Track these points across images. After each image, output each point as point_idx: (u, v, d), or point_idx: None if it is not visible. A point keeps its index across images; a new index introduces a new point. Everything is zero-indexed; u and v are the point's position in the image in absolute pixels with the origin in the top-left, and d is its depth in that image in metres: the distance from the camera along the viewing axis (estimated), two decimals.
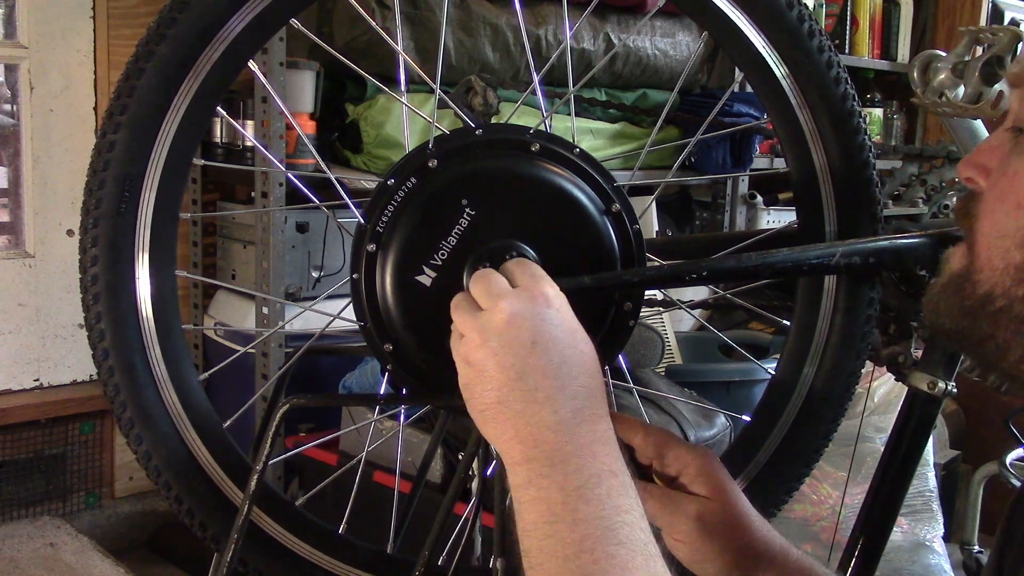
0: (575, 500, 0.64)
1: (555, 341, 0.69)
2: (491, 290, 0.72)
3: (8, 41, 2.36)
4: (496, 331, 0.69)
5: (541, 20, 2.49)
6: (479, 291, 0.73)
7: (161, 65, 0.79)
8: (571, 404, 0.68)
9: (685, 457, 0.85)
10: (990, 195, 0.74)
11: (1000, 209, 0.73)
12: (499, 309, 0.70)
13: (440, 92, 0.90)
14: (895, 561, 2.32)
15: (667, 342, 2.66)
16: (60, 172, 2.42)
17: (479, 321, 0.70)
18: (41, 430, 2.47)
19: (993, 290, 0.73)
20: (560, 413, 0.67)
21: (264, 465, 0.83)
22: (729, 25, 0.90)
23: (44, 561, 2.23)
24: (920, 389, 1.03)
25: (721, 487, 0.84)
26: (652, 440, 0.86)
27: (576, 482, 0.65)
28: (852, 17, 3.59)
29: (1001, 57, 0.87)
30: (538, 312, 0.70)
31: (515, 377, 0.68)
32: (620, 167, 2.48)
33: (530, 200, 0.82)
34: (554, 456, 0.66)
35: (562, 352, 0.69)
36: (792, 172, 0.95)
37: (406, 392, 0.86)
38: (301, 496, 1.06)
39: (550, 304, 0.71)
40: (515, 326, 0.69)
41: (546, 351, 0.69)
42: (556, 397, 0.68)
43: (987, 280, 0.74)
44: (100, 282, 0.81)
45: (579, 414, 0.68)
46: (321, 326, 0.96)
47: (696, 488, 0.84)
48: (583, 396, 0.69)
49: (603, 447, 0.68)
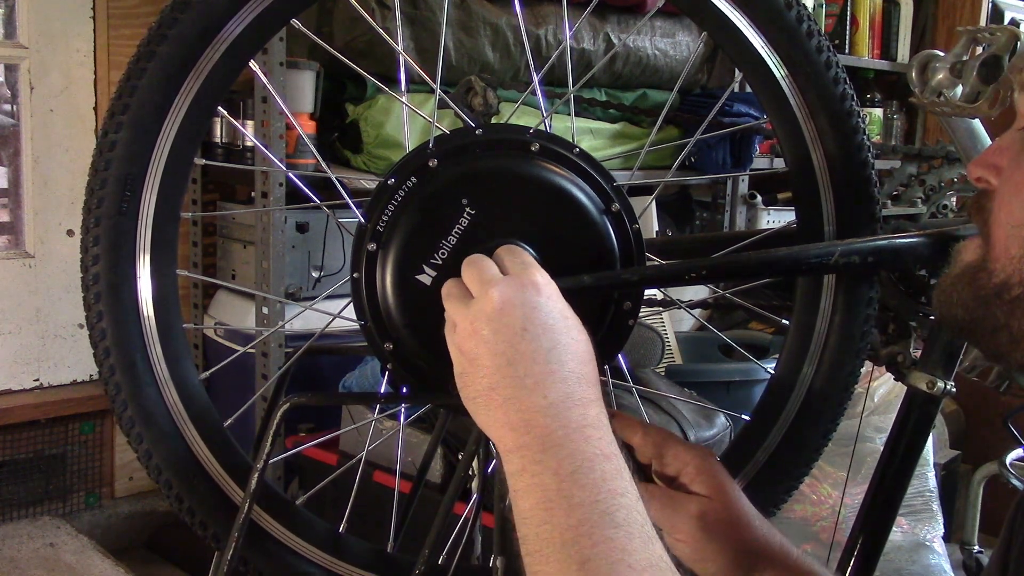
0: (570, 485, 0.64)
1: (545, 327, 0.70)
2: (482, 277, 0.72)
3: (8, 41, 2.36)
4: (487, 319, 0.69)
5: (541, 20, 2.49)
6: (470, 278, 0.73)
7: (162, 65, 0.79)
8: (561, 388, 0.68)
9: (684, 456, 0.85)
10: (1005, 188, 0.76)
11: (1016, 200, 0.75)
12: (489, 297, 0.70)
13: (440, 92, 0.90)
14: (895, 561, 2.32)
15: (667, 342, 2.66)
16: (60, 172, 2.42)
17: (470, 309, 0.71)
18: (41, 430, 2.47)
19: (1010, 279, 0.75)
20: (550, 397, 0.67)
21: (265, 464, 0.83)
22: (728, 25, 0.90)
23: (44, 561, 2.24)
24: (919, 389, 1.03)
25: (721, 486, 0.85)
26: (651, 439, 0.86)
27: (570, 467, 0.65)
28: (852, 17, 3.59)
29: (999, 57, 0.87)
30: (528, 299, 0.70)
31: (505, 363, 0.68)
32: (620, 167, 2.48)
33: (530, 200, 0.82)
34: (546, 441, 0.66)
35: (552, 338, 0.69)
36: (791, 172, 0.95)
37: (406, 391, 0.86)
38: (301, 496, 1.06)
39: (540, 291, 0.71)
40: (505, 313, 0.69)
41: (536, 337, 0.69)
42: (545, 382, 0.68)
43: (1003, 269, 0.75)
44: (101, 281, 0.81)
45: (569, 398, 0.68)
46: (321, 326, 0.96)
47: (696, 487, 0.85)
48: (573, 381, 0.69)
49: (596, 431, 0.68)
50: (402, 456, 1.89)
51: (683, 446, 0.87)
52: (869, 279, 0.96)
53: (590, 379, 0.70)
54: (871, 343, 1.00)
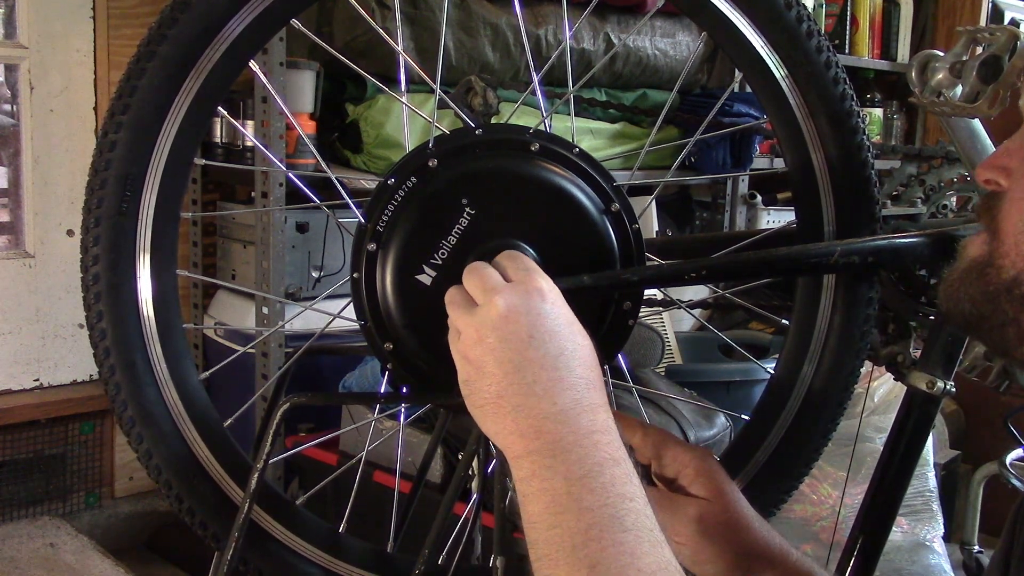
0: (579, 489, 0.65)
1: (551, 334, 0.70)
2: (485, 285, 0.72)
3: (8, 41, 2.36)
4: (492, 326, 0.69)
5: (541, 20, 2.49)
6: (473, 286, 0.73)
7: (163, 65, 0.79)
8: (570, 395, 0.68)
9: (683, 457, 0.85)
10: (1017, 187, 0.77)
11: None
12: (494, 304, 0.70)
13: (440, 92, 0.90)
14: (895, 561, 2.32)
15: (667, 342, 2.66)
16: (60, 172, 2.42)
17: (475, 317, 0.71)
18: (41, 430, 2.47)
19: (1021, 275, 0.76)
20: (559, 403, 0.68)
21: (265, 464, 0.83)
22: (728, 25, 0.90)
23: (44, 561, 2.23)
24: (919, 388, 1.03)
25: (720, 488, 0.85)
26: (650, 440, 0.86)
27: (579, 471, 0.65)
28: (852, 17, 3.59)
29: (999, 57, 0.87)
30: (533, 306, 0.70)
31: (513, 371, 0.68)
32: (620, 167, 2.48)
33: (530, 199, 0.82)
34: (556, 447, 0.66)
35: (559, 344, 0.70)
36: (791, 172, 0.95)
37: (406, 391, 0.86)
38: (301, 496, 1.06)
39: (544, 297, 0.71)
40: (511, 321, 0.69)
41: (543, 344, 0.69)
42: (554, 388, 0.68)
43: (1013, 265, 0.76)
44: (101, 281, 0.81)
45: (578, 404, 0.68)
46: (321, 326, 0.96)
47: (695, 490, 0.84)
48: (582, 387, 0.69)
49: (604, 435, 0.68)
50: (402, 456, 1.89)
51: (682, 447, 0.87)
52: (869, 279, 0.96)
53: (597, 384, 0.71)
54: (871, 343, 1.00)
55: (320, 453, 2.17)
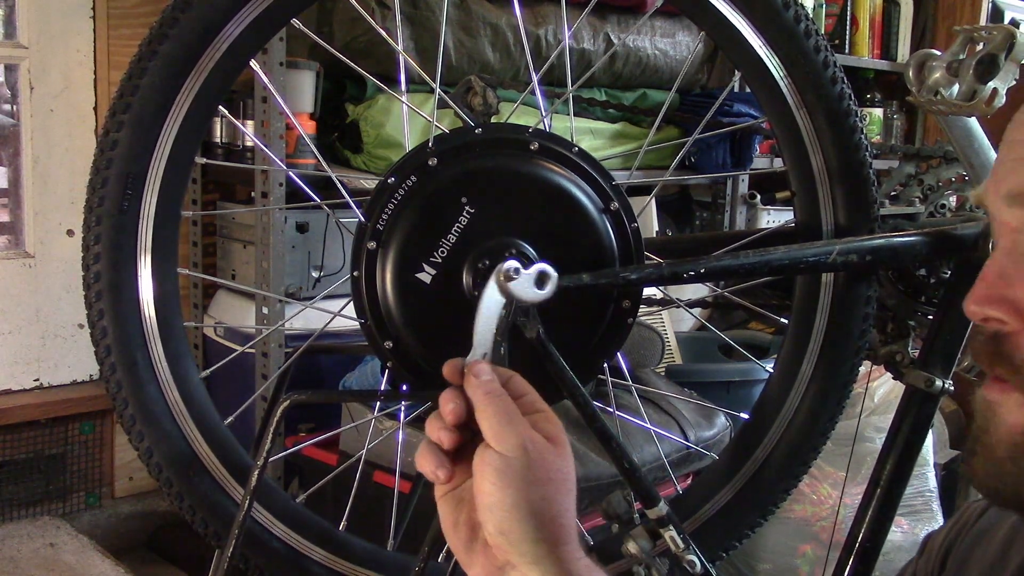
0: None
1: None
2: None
3: (8, 41, 2.36)
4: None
5: (541, 20, 2.50)
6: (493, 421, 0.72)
7: (164, 64, 0.80)
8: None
9: None
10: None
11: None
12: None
13: (440, 92, 0.91)
14: (895, 561, 2.32)
15: (667, 342, 2.66)
16: (60, 172, 2.42)
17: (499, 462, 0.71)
18: (41, 430, 2.47)
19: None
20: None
21: (265, 462, 0.83)
22: (727, 25, 0.91)
23: (44, 561, 2.23)
24: (918, 387, 1.04)
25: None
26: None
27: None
28: (852, 17, 3.59)
29: (995, 55, 0.87)
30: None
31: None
32: (620, 167, 2.48)
33: (529, 198, 0.83)
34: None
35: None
36: (790, 171, 0.95)
37: (406, 389, 0.86)
38: (301, 495, 1.06)
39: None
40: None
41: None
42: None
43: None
44: (103, 279, 0.81)
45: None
46: (321, 325, 0.96)
47: None
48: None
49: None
50: (402, 456, 1.89)
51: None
52: (867, 278, 0.97)
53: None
54: (870, 342, 1.01)
55: (320, 453, 2.17)
